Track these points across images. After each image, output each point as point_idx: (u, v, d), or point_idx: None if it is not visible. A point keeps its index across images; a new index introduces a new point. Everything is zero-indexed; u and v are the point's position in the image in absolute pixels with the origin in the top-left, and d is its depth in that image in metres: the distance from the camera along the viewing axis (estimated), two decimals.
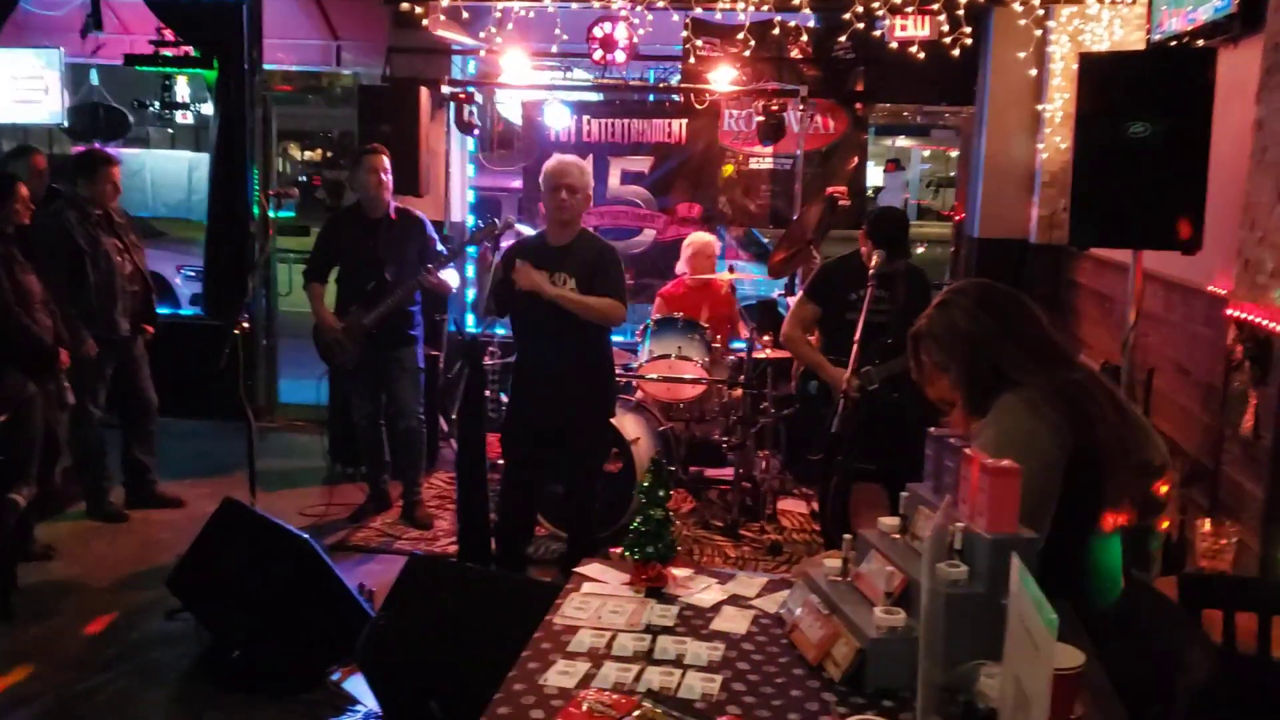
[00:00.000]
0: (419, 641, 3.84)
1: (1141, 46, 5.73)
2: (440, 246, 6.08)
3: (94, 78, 9.25)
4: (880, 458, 5.27)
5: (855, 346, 4.82)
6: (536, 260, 4.92)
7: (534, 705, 1.98)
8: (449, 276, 5.98)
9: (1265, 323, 3.88)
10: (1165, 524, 2.84)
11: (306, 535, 4.34)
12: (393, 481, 6.36)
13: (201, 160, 9.28)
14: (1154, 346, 5.22)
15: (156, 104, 10.34)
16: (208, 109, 8.69)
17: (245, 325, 5.34)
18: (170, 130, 19.55)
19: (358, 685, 4.16)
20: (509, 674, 2.10)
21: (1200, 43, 4.83)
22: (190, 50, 7.81)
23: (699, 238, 6.93)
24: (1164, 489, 2.76)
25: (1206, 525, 3.96)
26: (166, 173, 11.05)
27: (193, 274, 10.40)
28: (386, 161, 5.91)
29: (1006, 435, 2.44)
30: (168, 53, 7.87)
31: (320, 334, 5.98)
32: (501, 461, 5.16)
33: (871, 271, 4.93)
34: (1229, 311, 4.19)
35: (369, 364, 5.96)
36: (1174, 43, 5.16)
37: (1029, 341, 2.62)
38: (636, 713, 1.90)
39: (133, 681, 4.33)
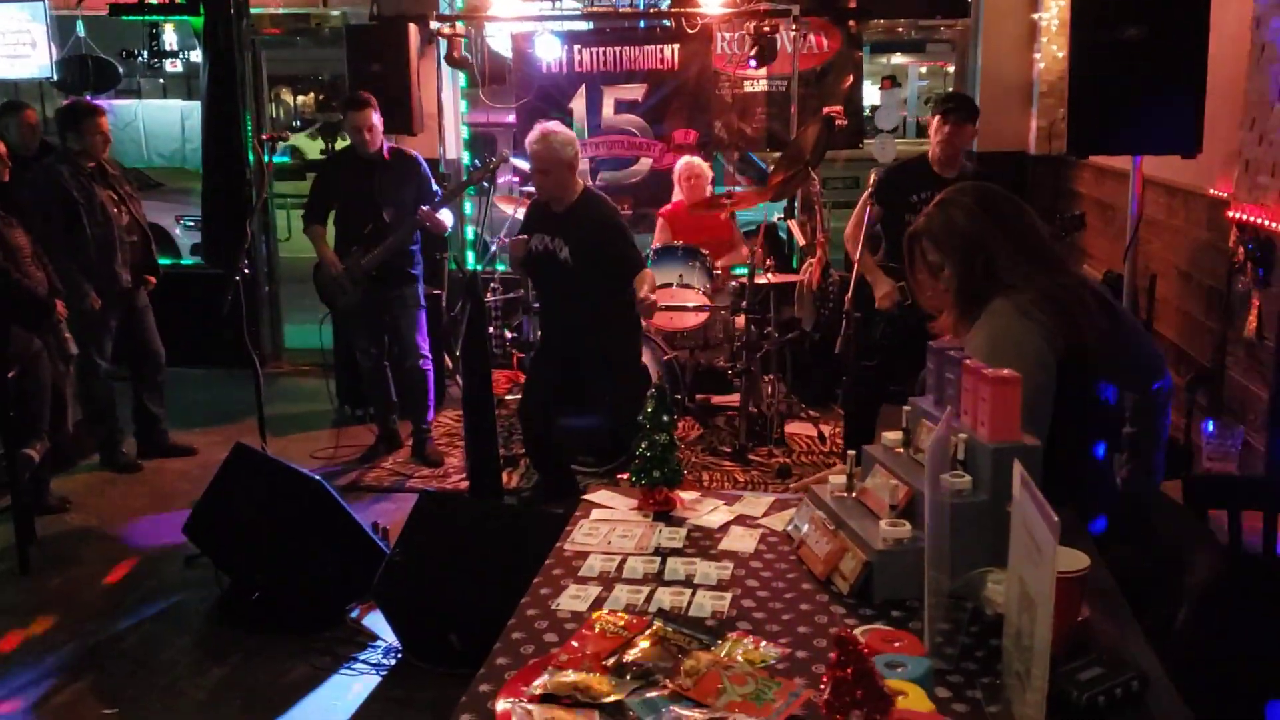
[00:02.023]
0: (434, 576, 3.90)
1: None
2: (436, 186, 6.06)
3: (80, 29, 9.14)
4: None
5: (877, 269, 4.85)
6: (540, 226, 5.14)
7: (547, 629, 2.01)
8: (444, 216, 5.96)
9: (1267, 223, 3.86)
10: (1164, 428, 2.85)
11: (318, 476, 4.38)
12: (401, 420, 6.40)
13: (194, 108, 9.21)
14: (1156, 253, 5.20)
15: (144, 53, 10.23)
16: (197, 56, 8.61)
17: (246, 271, 5.33)
18: (161, 80, 19.38)
19: (377, 621, 4.22)
20: (522, 599, 2.13)
21: None
22: None
23: (688, 163, 6.89)
24: (1162, 395, 2.78)
25: (1211, 427, 3.97)
26: (159, 122, 10.96)
27: (192, 224, 10.37)
28: (372, 114, 5.85)
29: (998, 340, 2.45)
30: (153, 0, 7.78)
31: (320, 276, 5.97)
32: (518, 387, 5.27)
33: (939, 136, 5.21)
34: (1230, 214, 4.16)
35: (371, 305, 5.96)
36: None
37: (1025, 244, 2.62)
38: (648, 631, 1.93)
39: (155, 627, 4.41)
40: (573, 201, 5.07)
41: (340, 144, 6.65)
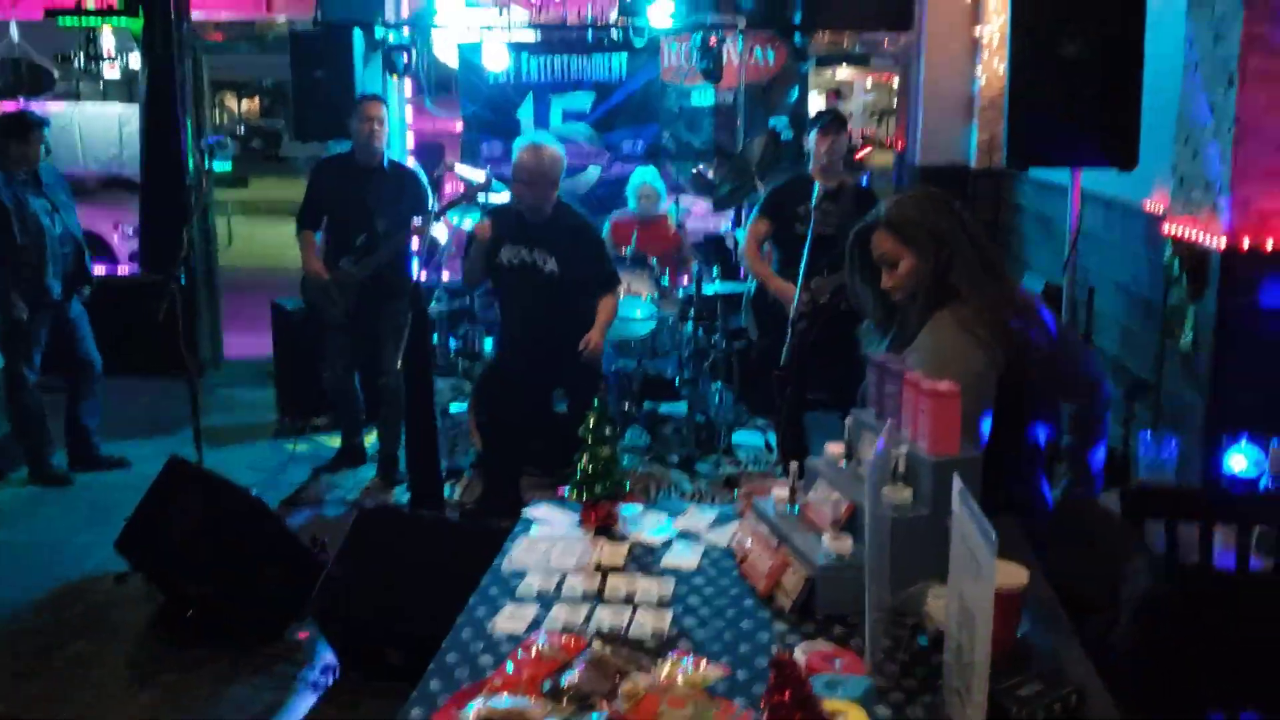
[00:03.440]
0: (374, 591, 3.84)
1: None
2: (428, 202, 5.94)
3: (14, 32, 8.95)
4: (833, 382, 5.41)
5: (801, 278, 4.91)
6: (515, 235, 5.08)
7: (483, 651, 1.97)
8: (438, 229, 5.83)
9: (1201, 237, 3.92)
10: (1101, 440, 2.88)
11: (254, 490, 4.30)
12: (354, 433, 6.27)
13: (133, 113, 9.03)
14: (1094, 266, 5.27)
15: (81, 57, 10.05)
16: (136, 61, 8.47)
17: (182, 279, 5.23)
18: (101, 84, 19.06)
19: (315, 638, 4.15)
20: (457, 620, 2.09)
21: None
22: (114, 1, 7.59)
23: (645, 175, 6.90)
24: (1100, 406, 2.81)
25: (1149, 438, 4.02)
26: (97, 127, 10.71)
27: (131, 231, 10.18)
28: (383, 110, 5.74)
29: (940, 353, 2.45)
30: (90, 4, 7.65)
31: (309, 285, 5.85)
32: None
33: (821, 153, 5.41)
34: (1166, 228, 4.22)
35: (356, 318, 5.83)
36: None
37: (981, 252, 2.62)
38: (586, 654, 1.90)
39: (88, 645, 4.29)
40: (551, 212, 5.05)
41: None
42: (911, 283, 2.62)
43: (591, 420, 2.57)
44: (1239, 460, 3.51)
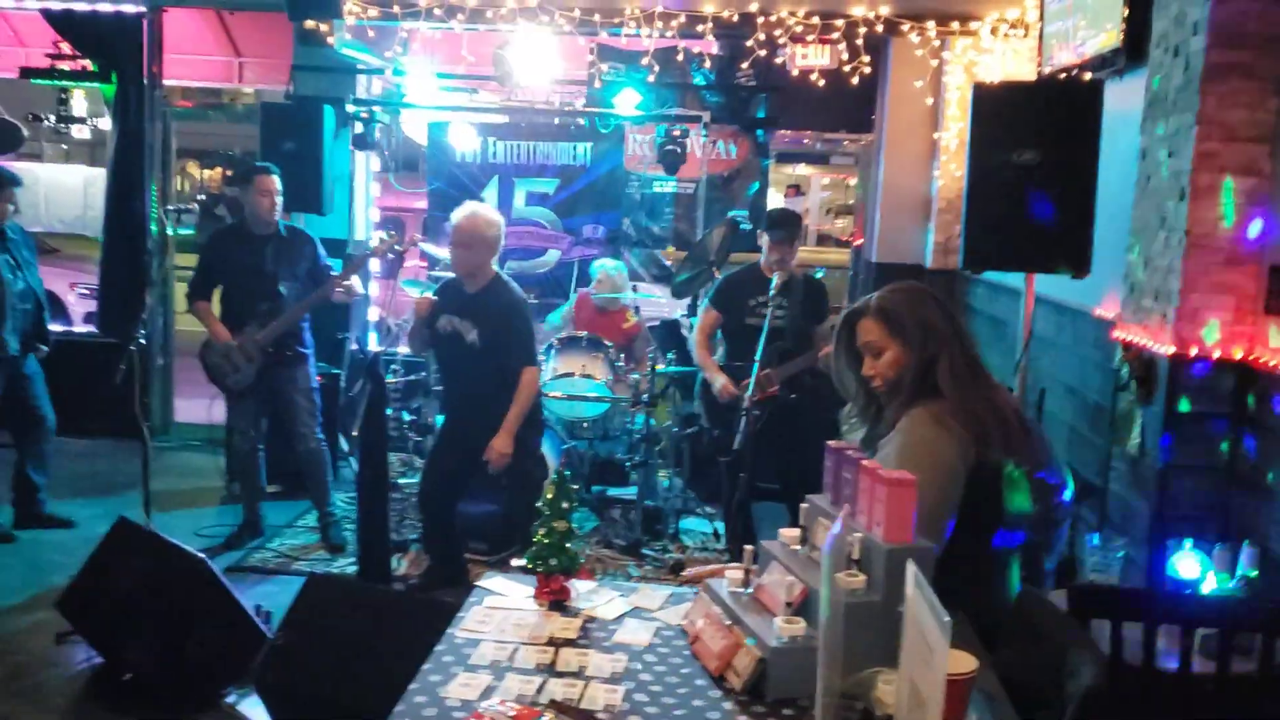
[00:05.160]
0: (317, 661, 3.78)
1: (1033, 78, 5.93)
2: (327, 263, 5.98)
3: None
4: (781, 471, 5.45)
5: (757, 364, 4.97)
6: (450, 307, 5.14)
7: (435, 716, 1.96)
8: (355, 283, 5.88)
9: (1151, 344, 4.02)
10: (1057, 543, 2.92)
11: (202, 554, 4.24)
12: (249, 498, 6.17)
13: (97, 175, 9.03)
14: (1044, 368, 5.37)
15: (52, 118, 10.08)
16: (105, 123, 8.49)
17: (142, 341, 5.20)
18: (64, 146, 19.06)
19: (254, 707, 4.06)
20: (410, 686, 2.08)
21: (1088, 75, 5.01)
22: (88, 64, 7.65)
23: (605, 265, 7.00)
24: (1060, 511, 2.86)
25: (1095, 540, 4.07)
26: (61, 188, 10.71)
27: (86, 292, 10.12)
28: (278, 183, 5.80)
29: (912, 446, 2.49)
30: (64, 66, 7.70)
31: (210, 354, 5.81)
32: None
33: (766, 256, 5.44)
34: (1116, 333, 4.33)
35: (259, 385, 5.81)
36: (1063, 75, 5.35)
37: (966, 348, 2.66)
38: None
39: (19, 705, 4.18)
40: (485, 284, 5.11)
41: None
42: (894, 374, 2.64)
43: (550, 493, 2.59)
44: (1184, 565, 3.57)
